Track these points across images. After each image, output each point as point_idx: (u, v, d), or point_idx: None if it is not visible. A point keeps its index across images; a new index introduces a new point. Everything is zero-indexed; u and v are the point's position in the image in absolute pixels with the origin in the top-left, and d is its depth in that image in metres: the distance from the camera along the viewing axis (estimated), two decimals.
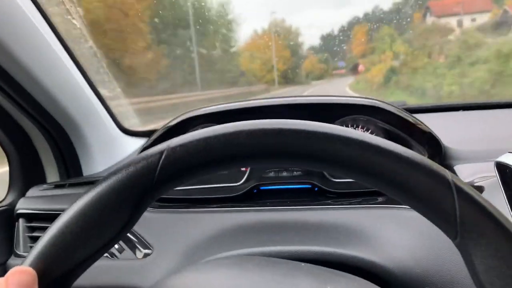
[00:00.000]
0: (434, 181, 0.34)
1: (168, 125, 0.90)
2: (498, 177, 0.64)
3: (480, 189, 0.71)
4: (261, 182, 0.88)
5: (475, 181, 0.73)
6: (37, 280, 0.36)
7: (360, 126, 0.90)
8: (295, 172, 0.89)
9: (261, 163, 0.40)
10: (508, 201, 0.63)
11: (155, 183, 0.37)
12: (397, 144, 0.37)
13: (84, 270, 0.39)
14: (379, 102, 0.85)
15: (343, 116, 0.88)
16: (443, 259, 0.65)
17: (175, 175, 0.38)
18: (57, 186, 0.95)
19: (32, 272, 0.36)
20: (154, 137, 0.90)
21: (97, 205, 0.37)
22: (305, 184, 0.89)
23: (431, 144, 0.83)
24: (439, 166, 0.34)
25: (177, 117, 0.90)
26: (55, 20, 0.83)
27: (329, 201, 0.83)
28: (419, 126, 0.82)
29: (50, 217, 0.88)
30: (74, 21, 0.93)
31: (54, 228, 0.37)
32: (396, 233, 0.70)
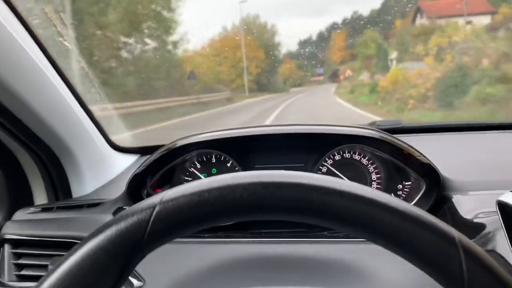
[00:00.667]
0: (440, 241, 0.33)
1: (163, 150, 0.88)
2: (500, 216, 0.63)
3: (481, 226, 0.69)
4: None
5: (477, 216, 0.72)
6: None
7: (357, 153, 0.88)
8: None
9: (257, 216, 0.39)
10: (510, 241, 0.61)
11: (146, 240, 0.36)
12: (403, 202, 0.36)
13: None
14: (376, 133, 0.83)
15: (341, 145, 0.86)
16: None
17: (167, 231, 0.37)
18: (45, 209, 0.92)
19: None
20: (147, 163, 0.87)
21: (86, 265, 0.35)
22: None
23: (430, 176, 0.81)
24: (446, 225, 0.34)
25: (173, 142, 0.88)
26: (46, 42, 0.80)
27: (325, 232, 0.81)
28: (418, 158, 0.81)
29: (37, 244, 0.85)
30: (65, 43, 0.90)
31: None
32: (394, 269, 0.69)
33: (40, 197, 1.00)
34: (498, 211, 0.64)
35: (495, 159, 0.96)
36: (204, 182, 0.37)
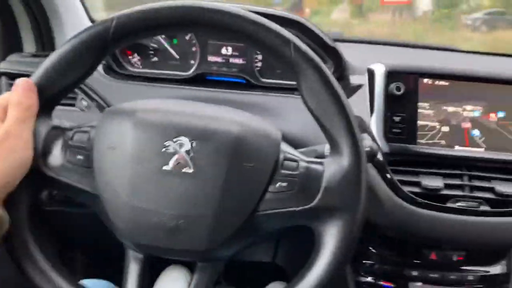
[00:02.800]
0: (278, 37, 0.56)
1: None
2: (367, 78, 0.92)
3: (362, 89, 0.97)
4: (206, 71, 1.12)
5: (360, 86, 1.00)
6: (36, 91, 0.58)
7: None
8: (232, 69, 1.13)
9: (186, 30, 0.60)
10: (369, 95, 0.91)
11: (111, 40, 0.57)
12: (258, 16, 0.57)
13: (65, 96, 0.62)
14: (302, 18, 1.08)
15: None
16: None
17: (126, 35, 0.58)
18: (35, 55, 1.13)
19: (32, 83, 0.58)
20: None
21: (75, 49, 0.58)
22: (240, 78, 1.13)
23: (336, 57, 1.08)
24: (287, 32, 0.57)
25: None
26: None
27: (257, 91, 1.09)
28: (328, 42, 1.07)
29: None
30: None
31: (48, 61, 0.59)
32: (295, 113, 0.97)
33: (29, 48, 1.20)
34: (367, 75, 0.93)
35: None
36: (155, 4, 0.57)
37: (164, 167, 0.57)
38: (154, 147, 0.58)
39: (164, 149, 0.57)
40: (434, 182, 0.84)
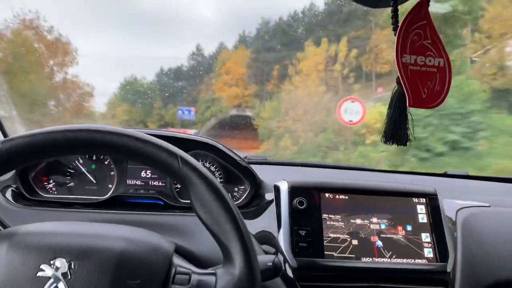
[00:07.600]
0: (167, 154, 0.58)
1: None
2: (274, 195, 0.96)
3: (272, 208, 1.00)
4: (123, 194, 1.11)
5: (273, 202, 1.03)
6: None
7: (207, 162, 1.18)
8: (150, 191, 1.14)
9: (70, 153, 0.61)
10: (276, 211, 0.94)
11: None
12: (143, 134, 0.59)
13: None
14: (216, 143, 1.15)
15: (187, 151, 1.14)
16: None
17: (11, 161, 0.56)
18: None
19: None
20: None
21: None
22: (157, 200, 1.13)
23: (251, 177, 1.13)
24: (173, 146, 0.59)
25: None
26: None
27: (174, 212, 1.08)
28: (241, 163, 1.13)
29: None
30: None
31: None
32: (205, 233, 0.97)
33: None
34: (274, 191, 0.97)
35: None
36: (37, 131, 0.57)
37: None
38: (28, 272, 0.54)
39: (39, 274, 0.54)
40: None
